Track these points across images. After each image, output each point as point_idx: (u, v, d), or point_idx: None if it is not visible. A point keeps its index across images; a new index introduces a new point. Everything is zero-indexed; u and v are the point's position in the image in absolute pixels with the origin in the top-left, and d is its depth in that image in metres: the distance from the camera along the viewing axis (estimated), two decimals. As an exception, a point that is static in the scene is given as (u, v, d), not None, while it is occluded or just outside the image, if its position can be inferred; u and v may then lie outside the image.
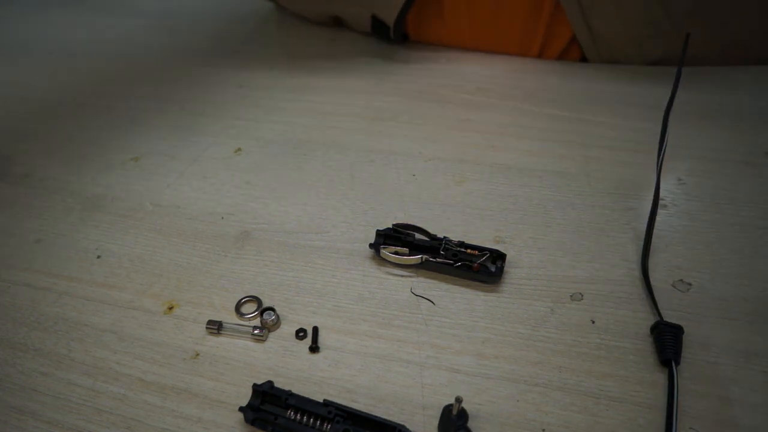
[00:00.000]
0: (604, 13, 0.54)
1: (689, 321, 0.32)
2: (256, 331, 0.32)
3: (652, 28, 0.54)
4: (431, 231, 0.38)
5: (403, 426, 0.26)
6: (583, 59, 0.61)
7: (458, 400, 0.26)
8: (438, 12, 0.63)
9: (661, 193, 0.41)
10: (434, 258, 0.35)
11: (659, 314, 0.32)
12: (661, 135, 0.37)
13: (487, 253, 0.35)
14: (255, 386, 0.28)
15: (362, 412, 0.27)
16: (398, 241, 0.37)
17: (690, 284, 0.34)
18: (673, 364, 0.29)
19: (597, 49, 0.58)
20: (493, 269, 0.35)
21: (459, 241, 0.36)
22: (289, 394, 0.28)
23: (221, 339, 0.33)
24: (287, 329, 0.33)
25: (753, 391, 0.28)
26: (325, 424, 0.27)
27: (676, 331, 0.30)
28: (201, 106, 0.57)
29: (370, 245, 0.37)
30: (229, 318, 0.34)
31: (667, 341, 0.30)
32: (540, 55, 0.62)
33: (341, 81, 0.61)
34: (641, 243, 0.37)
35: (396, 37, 0.65)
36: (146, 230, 0.41)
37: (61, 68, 0.68)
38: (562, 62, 0.61)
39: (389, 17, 0.62)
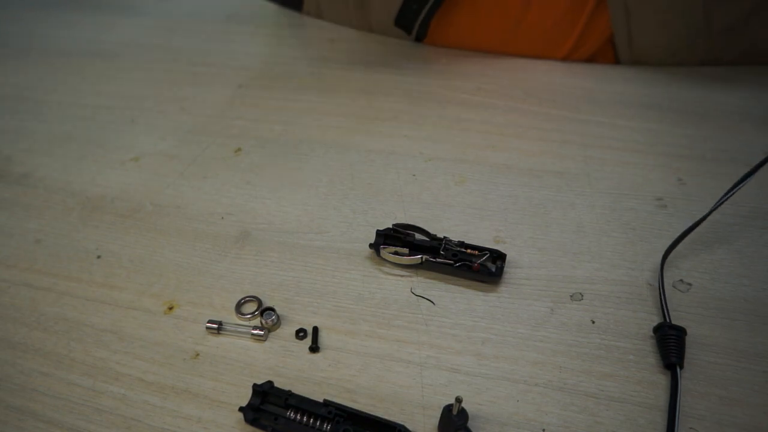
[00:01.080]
0: (646, 18, 0.55)
1: (689, 321, 0.32)
2: (256, 331, 0.32)
3: (689, 38, 0.55)
4: (431, 231, 0.38)
5: (403, 426, 0.26)
6: (616, 62, 0.61)
7: (458, 400, 0.26)
8: (470, 8, 0.62)
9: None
10: (434, 258, 0.35)
11: (668, 316, 0.32)
12: None
13: (487, 253, 0.35)
14: (255, 386, 0.28)
15: (362, 412, 0.27)
16: (398, 241, 0.37)
17: (690, 284, 0.34)
18: (678, 369, 0.29)
19: (631, 53, 0.59)
20: (493, 269, 0.35)
21: (459, 241, 0.36)
22: (289, 394, 0.28)
23: (221, 339, 0.33)
24: (287, 329, 0.33)
25: (753, 391, 0.28)
26: (325, 424, 0.27)
27: (680, 333, 0.30)
28: (201, 106, 0.57)
29: (370, 245, 0.37)
30: (229, 318, 0.34)
31: (671, 344, 0.30)
32: (566, 58, 0.61)
33: (341, 81, 0.61)
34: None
35: (422, 26, 0.64)
36: (146, 230, 0.41)
37: (61, 68, 0.68)
38: (562, 62, 0.61)
39: None
